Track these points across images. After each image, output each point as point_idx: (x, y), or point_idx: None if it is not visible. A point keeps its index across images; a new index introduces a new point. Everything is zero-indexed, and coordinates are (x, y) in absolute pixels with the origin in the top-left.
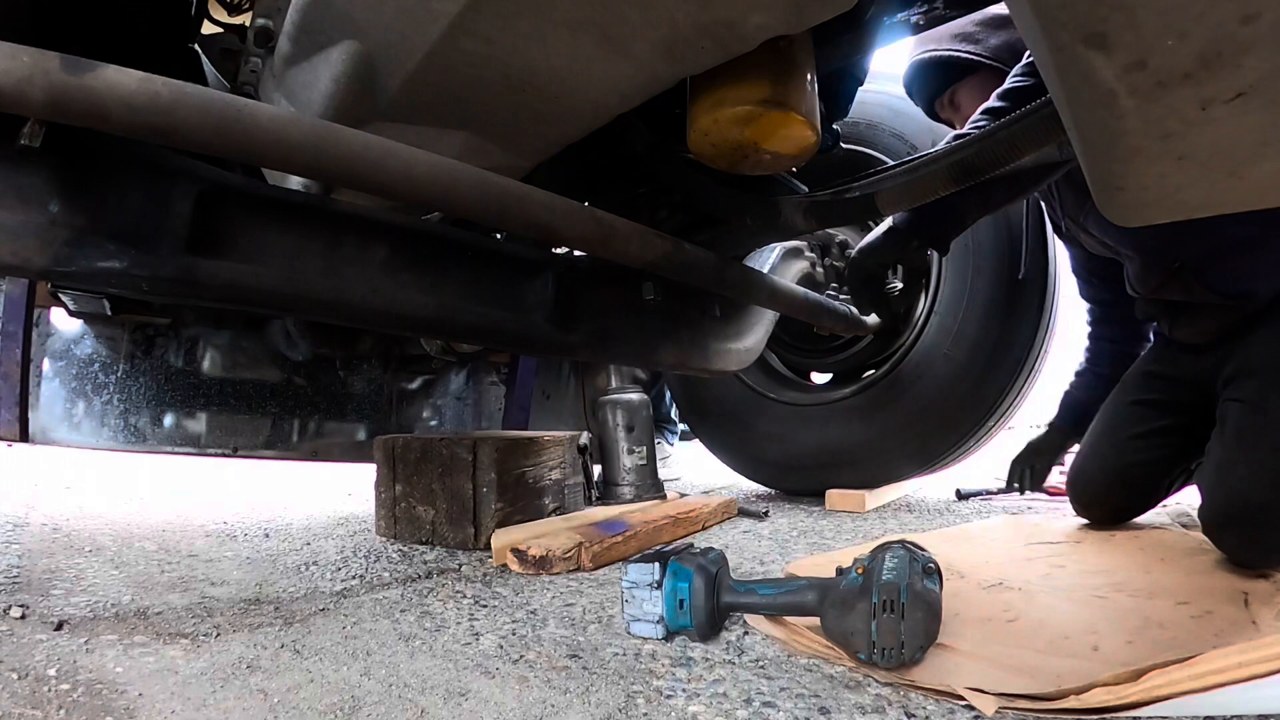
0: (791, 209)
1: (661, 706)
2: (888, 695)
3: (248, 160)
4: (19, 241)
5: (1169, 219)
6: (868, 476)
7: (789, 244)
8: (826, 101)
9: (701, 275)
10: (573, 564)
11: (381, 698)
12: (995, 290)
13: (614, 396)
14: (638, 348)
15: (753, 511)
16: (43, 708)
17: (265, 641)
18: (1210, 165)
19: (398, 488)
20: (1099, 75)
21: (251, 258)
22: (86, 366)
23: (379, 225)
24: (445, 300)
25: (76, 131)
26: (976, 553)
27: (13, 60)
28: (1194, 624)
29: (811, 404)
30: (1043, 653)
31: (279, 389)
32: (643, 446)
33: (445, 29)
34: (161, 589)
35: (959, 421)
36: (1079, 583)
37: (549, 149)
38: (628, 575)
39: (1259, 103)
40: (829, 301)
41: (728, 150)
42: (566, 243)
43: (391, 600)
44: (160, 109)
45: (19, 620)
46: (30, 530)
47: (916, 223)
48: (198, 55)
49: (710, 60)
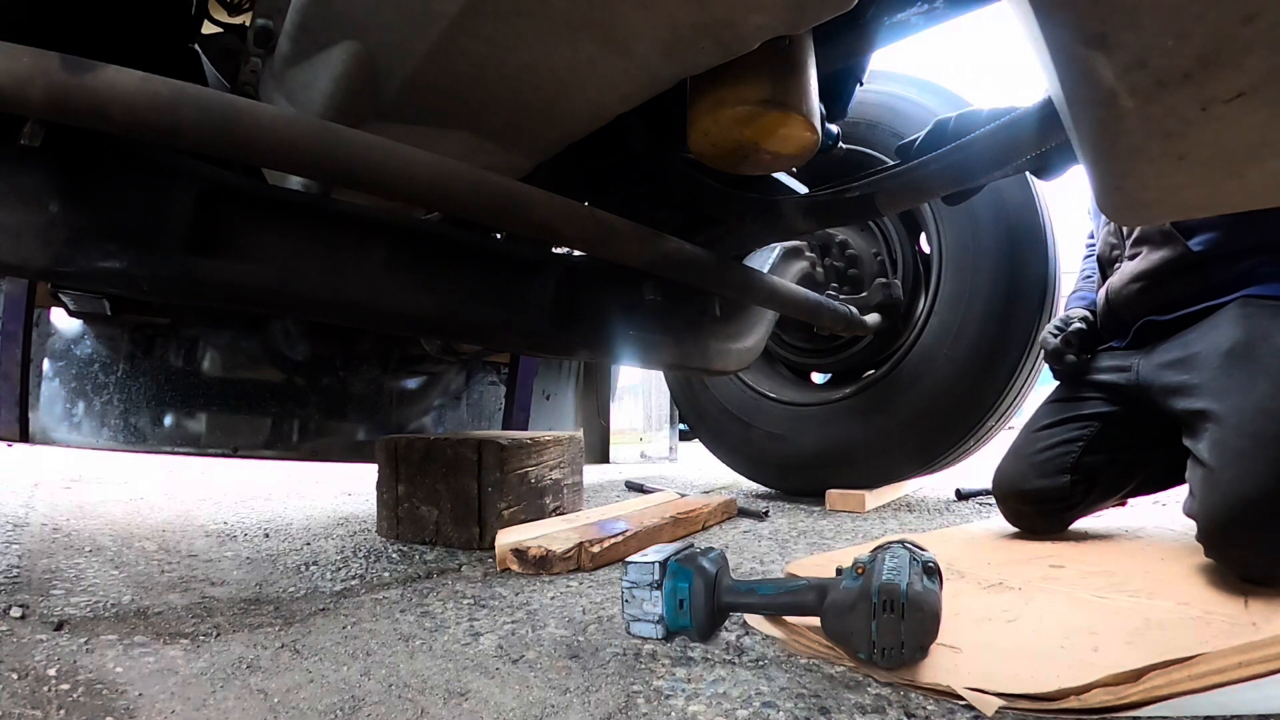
0: (791, 209)
1: (661, 706)
2: (888, 695)
3: (248, 160)
4: (19, 241)
5: (1169, 219)
6: (868, 476)
7: (789, 244)
8: (826, 101)
9: (701, 275)
10: (573, 564)
11: (381, 698)
12: (995, 290)
13: None
14: (638, 348)
15: (753, 511)
16: (43, 708)
17: (265, 641)
18: (1210, 165)
19: (400, 488)
20: (1099, 75)
21: (251, 258)
22: (86, 366)
23: (379, 225)
24: (445, 300)
25: (76, 131)
26: (976, 553)
27: (13, 60)
28: (1194, 624)
29: (811, 404)
30: (1043, 653)
31: (279, 389)
32: None
33: (445, 29)
34: (161, 589)
35: (959, 421)
36: (1079, 583)
37: (549, 149)
38: (628, 575)
39: (1259, 103)
40: (829, 301)
41: (728, 150)
42: (566, 242)
43: (391, 600)
44: (160, 109)
45: (19, 620)
46: (30, 530)
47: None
48: (198, 55)
49: (710, 60)
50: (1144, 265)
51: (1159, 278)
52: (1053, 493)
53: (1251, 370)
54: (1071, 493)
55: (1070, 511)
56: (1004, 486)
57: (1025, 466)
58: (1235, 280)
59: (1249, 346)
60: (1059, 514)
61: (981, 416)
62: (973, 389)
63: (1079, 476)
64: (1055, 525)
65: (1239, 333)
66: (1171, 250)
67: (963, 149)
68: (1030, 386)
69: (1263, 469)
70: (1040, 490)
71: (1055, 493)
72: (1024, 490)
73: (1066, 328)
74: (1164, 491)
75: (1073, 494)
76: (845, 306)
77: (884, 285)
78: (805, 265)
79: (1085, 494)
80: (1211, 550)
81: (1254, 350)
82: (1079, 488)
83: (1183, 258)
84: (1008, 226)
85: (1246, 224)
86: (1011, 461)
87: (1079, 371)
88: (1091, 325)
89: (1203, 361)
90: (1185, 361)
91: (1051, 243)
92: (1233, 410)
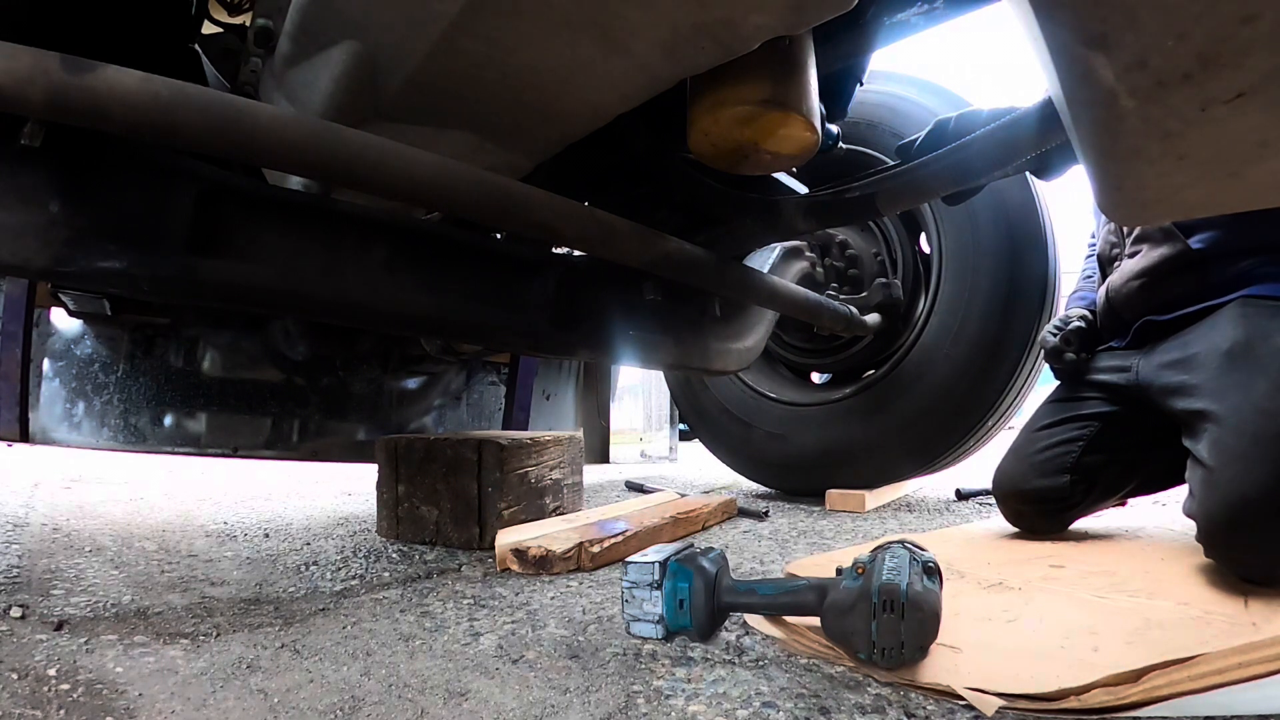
0: (791, 209)
1: (661, 706)
2: (888, 695)
3: (248, 160)
4: (19, 241)
5: (1169, 219)
6: (868, 476)
7: (789, 244)
8: (826, 101)
9: (701, 275)
10: (573, 564)
11: (381, 698)
12: (995, 290)
13: None
14: (638, 348)
15: (753, 511)
16: (43, 708)
17: (265, 641)
18: (1210, 165)
19: (400, 488)
20: (1099, 75)
21: (251, 257)
22: (86, 366)
23: (379, 225)
24: (445, 300)
25: (77, 131)
26: (976, 553)
27: (13, 60)
28: (1194, 624)
29: (811, 404)
30: (1043, 653)
31: (279, 389)
32: None
33: (445, 29)
34: (161, 589)
35: (959, 421)
36: (1079, 583)
37: (549, 149)
38: (628, 575)
39: (1259, 103)
40: (829, 301)
41: (728, 150)
42: (567, 242)
43: (391, 600)
44: (160, 109)
45: (19, 620)
46: (30, 530)
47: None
48: (198, 55)
49: (710, 60)
50: (1144, 263)
51: (1159, 275)
52: (1053, 493)
53: (1251, 370)
54: (1071, 493)
55: (1070, 511)
56: (1004, 486)
57: (1025, 466)
58: (1235, 279)
59: (1248, 347)
60: (1059, 514)
61: (981, 416)
62: (973, 389)
63: (1079, 476)
64: (1055, 525)
65: (1238, 333)
66: (1171, 248)
67: (963, 149)
68: (1030, 386)
69: (1262, 469)
70: (1040, 490)
71: (1055, 493)
72: (1024, 490)
73: (1066, 327)
74: (1164, 491)
75: (1073, 494)
76: (845, 306)
77: (884, 285)
78: (805, 265)
79: (1085, 494)
80: (1211, 550)
81: (1253, 350)
82: (1079, 488)
83: (1182, 255)
84: (1008, 226)
85: (1246, 223)
86: (1011, 461)
87: (1079, 371)
88: (1091, 324)
89: (1202, 362)
90: (1185, 362)
91: (1051, 243)
92: (1232, 410)
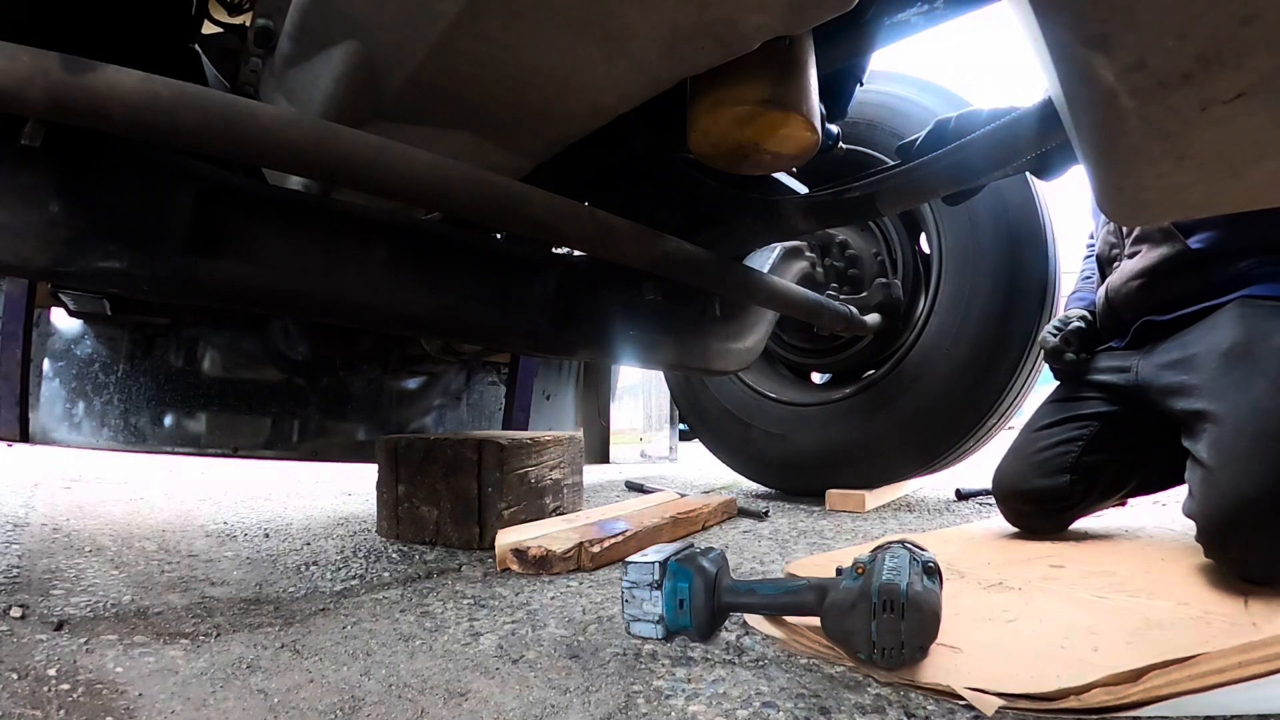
0: (791, 209)
1: (661, 706)
2: (888, 695)
3: (248, 160)
4: (19, 241)
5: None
6: (868, 476)
7: (789, 244)
8: (826, 101)
9: (701, 275)
10: (573, 564)
11: (381, 698)
12: (995, 290)
13: None
14: (638, 348)
15: (753, 511)
16: (43, 708)
17: (265, 641)
18: (1210, 165)
19: (400, 488)
20: (1099, 75)
21: (251, 258)
22: (86, 366)
23: (379, 225)
24: (445, 300)
25: (77, 131)
26: (976, 553)
27: (13, 60)
28: (1194, 624)
29: (811, 404)
30: (1043, 653)
31: (279, 389)
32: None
33: (446, 29)
34: (161, 589)
35: (959, 421)
36: (1079, 583)
37: (549, 149)
38: (628, 575)
39: (1259, 103)
40: (829, 301)
41: (728, 150)
42: (566, 242)
43: (391, 600)
44: (160, 109)
45: (19, 620)
46: (30, 530)
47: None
48: (198, 55)
49: (710, 60)
50: (1143, 263)
51: (1158, 275)
52: (1052, 493)
53: (1250, 370)
54: (1071, 493)
55: (1070, 511)
56: (1004, 486)
57: (1025, 466)
58: (1234, 279)
59: (1248, 347)
60: (1059, 514)
61: (981, 416)
62: (973, 389)
63: (1079, 476)
64: (1055, 525)
65: (1238, 333)
66: (1171, 248)
67: (963, 149)
68: (1030, 386)
69: (1262, 469)
70: (1040, 490)
71: (1055, 493)
72: (1024, 490)
73: (1066, 327)
74: (1164, 491)
75: (1072, 494)
76: (845, 306)
77: (884, 285)
78: (805, 265)
79: (1085, 494)
80: (1211, 550)
81: (1252, 350)
82: (1079, 488)
83: (1182, 255)
84: (1008, 226)
85: (1245, 223)
86: (1011, 461)
87: (1078, 371)
88: (1090, 324)
89: (1201, 362)
90: (1184, 362)
91: (1051, 243)
92: (1231, 410)
